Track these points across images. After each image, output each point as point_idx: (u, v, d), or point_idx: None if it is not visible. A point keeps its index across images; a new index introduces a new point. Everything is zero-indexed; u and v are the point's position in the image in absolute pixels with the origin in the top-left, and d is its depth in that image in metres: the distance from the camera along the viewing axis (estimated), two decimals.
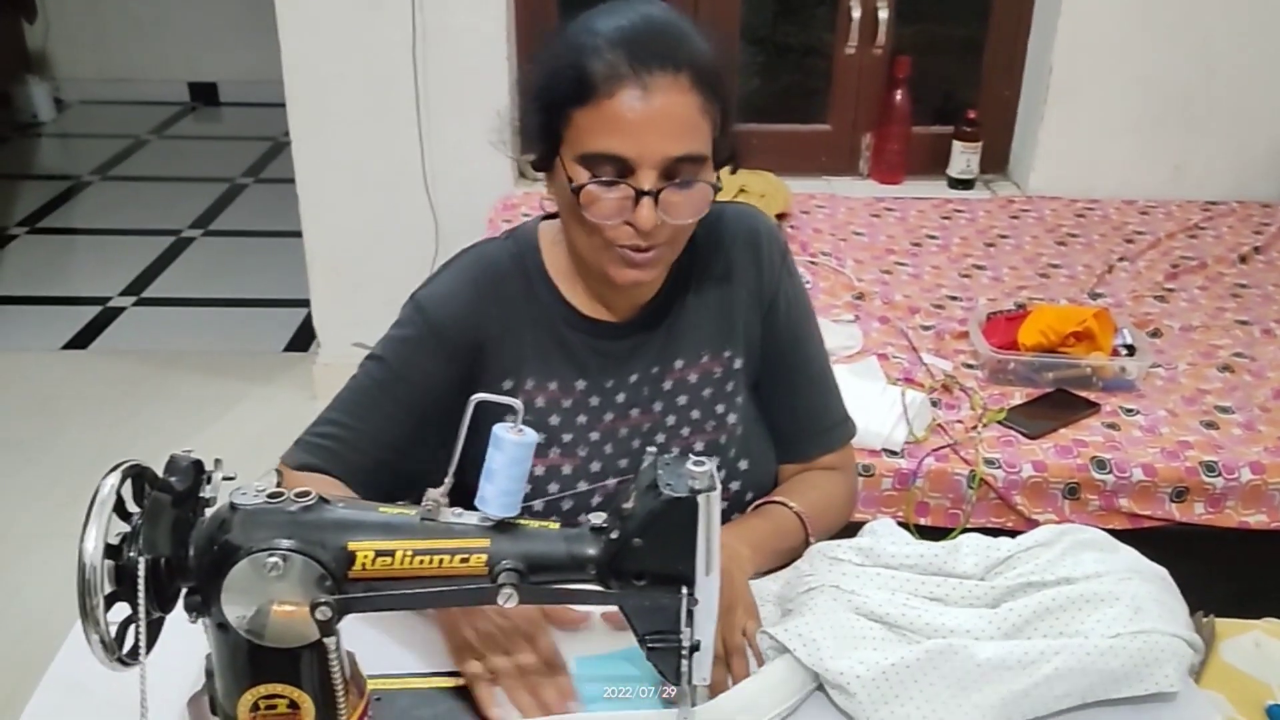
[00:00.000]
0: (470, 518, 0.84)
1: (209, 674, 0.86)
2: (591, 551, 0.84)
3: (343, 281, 3.00)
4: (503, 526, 0.84)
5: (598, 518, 0.86)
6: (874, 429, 1.76)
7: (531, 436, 0.83)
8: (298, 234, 2.97)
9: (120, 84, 5.62)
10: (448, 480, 0.84)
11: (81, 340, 3.39)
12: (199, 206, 4.43)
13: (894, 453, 1.77)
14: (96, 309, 3.58)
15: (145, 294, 3.71)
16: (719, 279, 1.23)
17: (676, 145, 1.04)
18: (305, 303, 3.15)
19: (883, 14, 2.88)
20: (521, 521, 0.85)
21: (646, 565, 0.84)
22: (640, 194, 1.04)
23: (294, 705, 0.84)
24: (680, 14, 1.10)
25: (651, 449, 0.88)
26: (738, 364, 1.25)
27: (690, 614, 0.84)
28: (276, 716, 0.84)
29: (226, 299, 3.71)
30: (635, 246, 1.08)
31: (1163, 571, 1.09)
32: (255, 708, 0.84)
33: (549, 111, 1.07)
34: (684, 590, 0.84)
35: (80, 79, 5.59)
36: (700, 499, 0.82)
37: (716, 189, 1.09)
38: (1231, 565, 1.83)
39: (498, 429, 0.83)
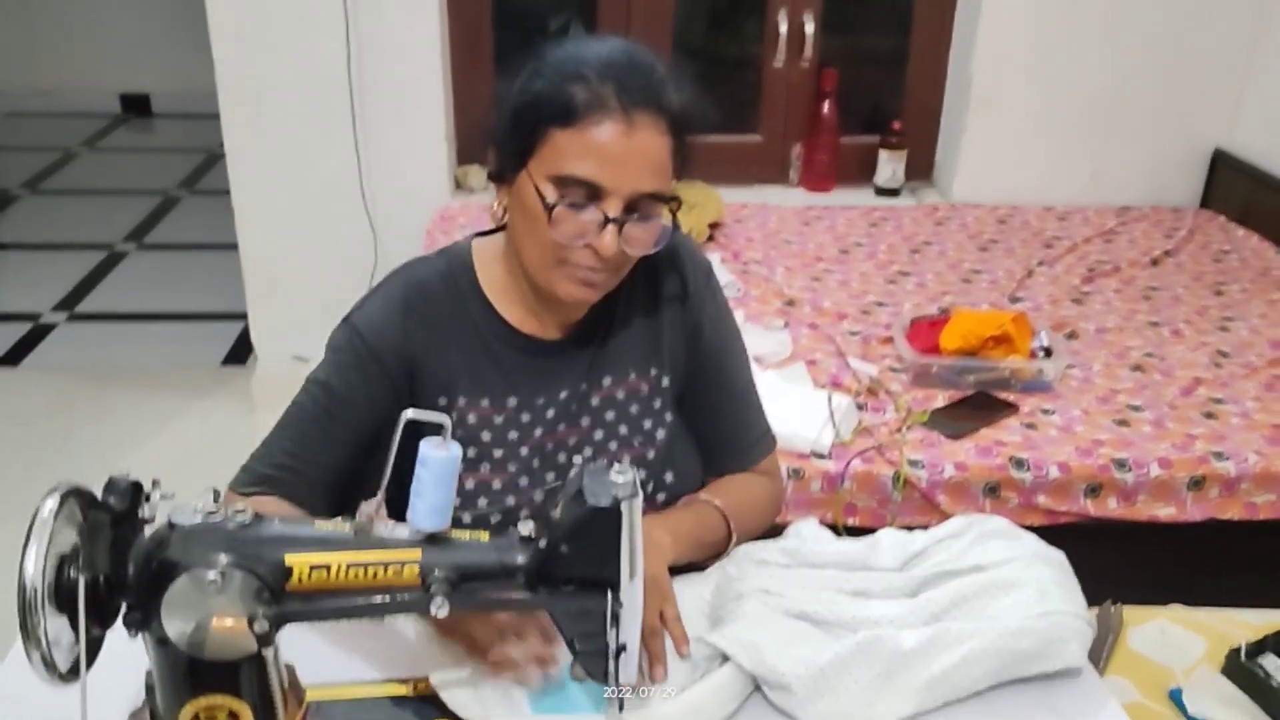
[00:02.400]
0: (402, 530, 0.88)
1: (149, 689, 0.89)
2: (520, 560, 0.88)
3: (280, 294, 3.00)
4: (434, 538, 0.88)
5: (526, 527, 0.90)
6: (802, 433, 1.82)
7: (456, 451, 0.87)
8: (234, 246, 2.97)
9: (50, 95, 5.53)
10: (380, 494, 0.87)
11: (12, 358, 3.35)
12: (133, 219, 4.39)
13: (822, 456, 1.83)
14: (27, 325, 3.53)
15: (78, 309, 3.67)
16: (646, 301, 1.28)
17: (648, 181, 1.10)
18: (242, 316, 3.14)
19: (809, 28, 2.97)
20: (453, 533, 0.89)
21: (573, 571, 0.88)
22: (608, 220, 1.09)
23: (233, 715, 0.87)
24: (660, 59, 1.15)
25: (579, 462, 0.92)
26: (664, 382, 1.29)
27: (616, 617, 0.89)
28: None
29: (162, 313, 3.68)
30: (590, 267, 1.12)
31: (1061, 556, 1.17)
32: (196, 719, 0.86)
33: (526, 127, 1.11)
34: (609, 594, 0.88)
35: (8, 90, 5.50)
36: (623, 506, 0.86)
37: (674, 227, 1.15)
38: (1144, 557, 1.92)
39: (424, 445, 0.87)
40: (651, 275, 1.27)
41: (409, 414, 0.86)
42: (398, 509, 0.89)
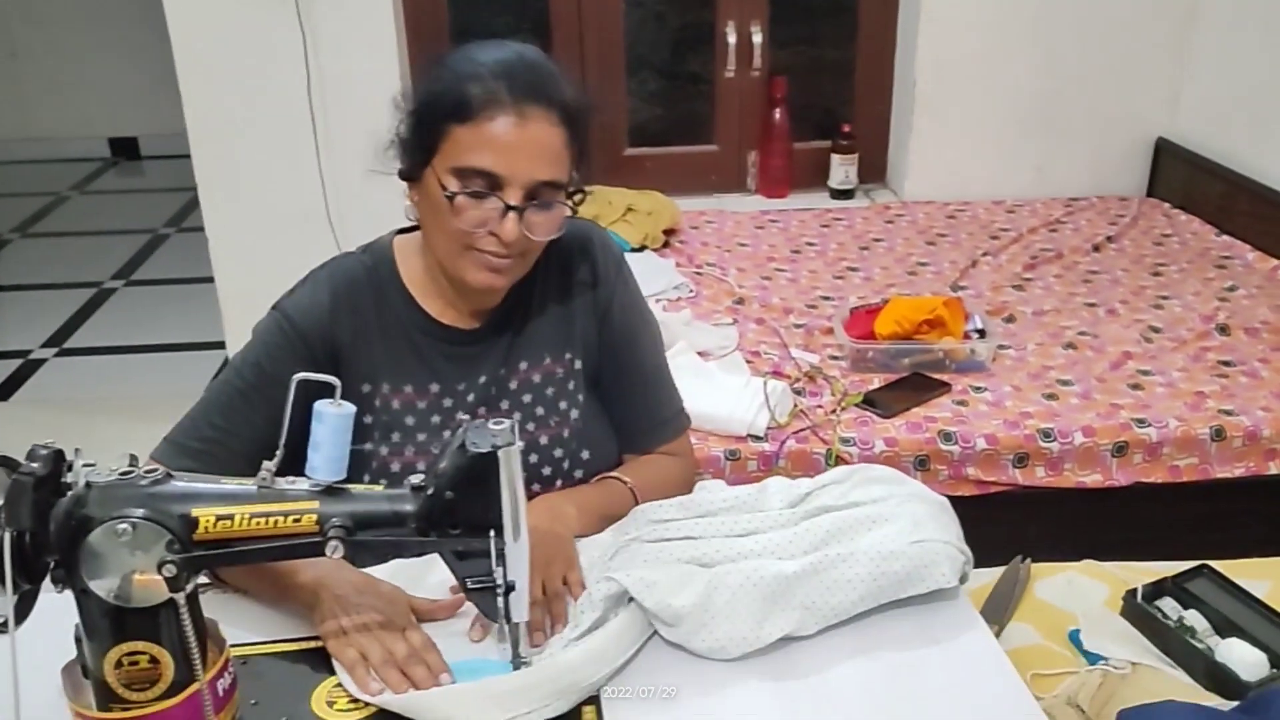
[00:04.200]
0: (301, 484, 0.96)
1: (78, 640, 0.97)
2: (410, 508, 0.97)
3: (255, 321, 3.08)
4: (331, 490, 0.96)
5: (416, 478, 0.98)
6: (738, 416, 1.90)
7: (349, 409, 0.96)
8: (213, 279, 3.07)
9: (40, 143, 5.68)
10: (279, 452, 0.96)
11: (2, 393, 3.45)
12: (120, 258, 4.50)
13: (758, 438, 1.91)
14: (18, 362, 3.64)
15: (66, 345, 3.78)
16: (559, 288, 1.37)
17: (543, 170, 1.19)
18: (223, 344, 3.24)
19: (757, 39, 3.07)
20: (348, 485, 0.97)
21: (459, 516, 0.96)
22: (508, 208, 1.18)
23: (154, 660, 0.95)
24: (550, 59, 1.26)
25: None
26: (578, 364, 1.38)
27: (502, 556, 0.97)
28: (139, 671, 0.95)
29: (147, 345, 3.78)
30: (495, 253, 1.21)
31: (943, 500, 1.24)
32: (119, 664, 0.95)
33: (429, 125, 1.21)
34: (493, 535, 0.96)
35: None
36: (500, 453, 0.95)
37: (572, 213, 1.25)
38: (1073, 523, 1.99)
39: (319, 404, 0.95)
40: (564, 264, 1.36)
41: (300, 376, 0.95)
42: (295, 469, 0.97)
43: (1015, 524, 1.90)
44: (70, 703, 0.99)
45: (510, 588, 0.98)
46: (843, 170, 3.16)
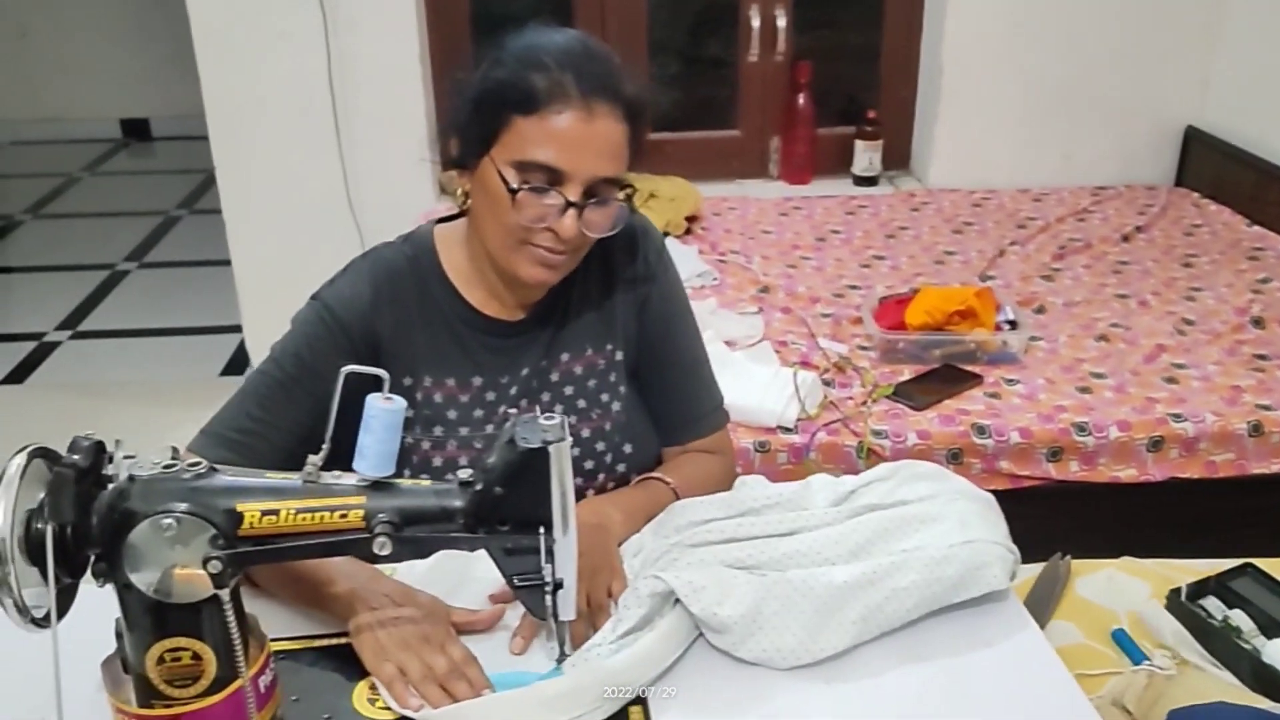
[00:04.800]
0: (348, 478, 0.94)
1: (119, 635, 0.95)
2: (458, 503, 0.95)
3: (273, 306, 3.04)
4: (378, 485, 0.94)
5: (464, 473, 0.96)
6: (768, 407, 1.88)
7: (400, 404, 0.93)
8: (229, 262, 3.05)
9: (51, 123, 5.66)
10: (325, 446, 0.93)
11: (17, 375, 3.44)
12: (133, 240, 4.48)
13: (788, 429, 1.89)
14: (32, 344, 3.62)
15: (81, 327, 3.76)
16: (601, 278, 1.34)
17: (605, 167, 1.16)
18: (239, 328, 3.22)
19: (781, 23, 3.03)
20: (395, 480, 0.95)
21: (508, 512, 0.94)
22: (568, 204, 1.15)
23: (197, 656, 0.93)
24: (611, 51, 1.22)
25: None
26: (619, 356, 1.35)
27: (551, 553, 0.95)
28: (182, 668, 0.93)
29: (162, 328, 3.77)
30: (551, 249, 1.19)
31: (989, 497, 1.22)
32: (161, 660, 0.93)
33: (490, 114, 1.17)
34: (542, 532, 0.94)
35: (10, 120, 5.62)
36: (552, 449, 0.92)
37: (630, 210, 1.21)
38: (1107, 518, 1.97)
39: (370, 398, 0.93)
40: (607, 254, 1.32)
41: (347, 369, 0.92)
42: (342, 464, 0.95)
43: (1046, 518, 1.86)
44: (110, 697, 0.97)
45: (559, 585, 0.96)
46: (867, 157, 3.12)
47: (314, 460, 0.93)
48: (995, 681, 1.08)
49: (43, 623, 0.90)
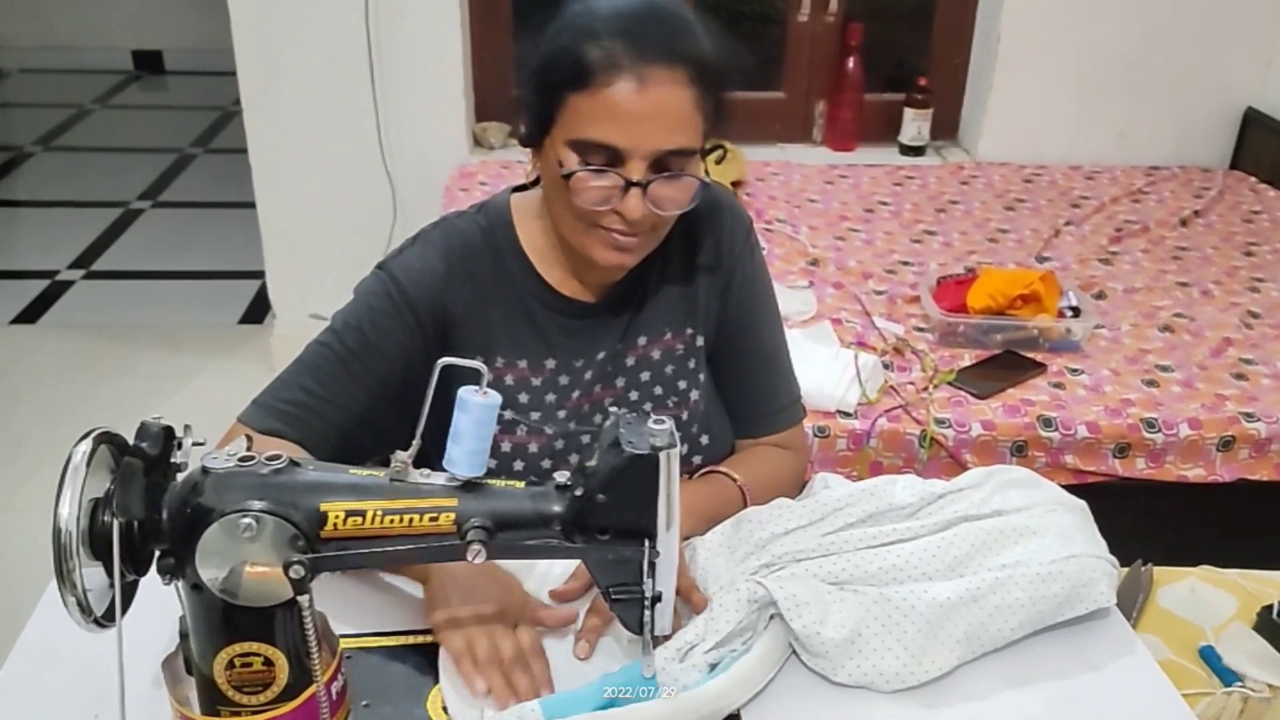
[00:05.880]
0: (438, 478, 0.87)
1: (183, 635, 0.88)
2: (556, 508, 0.87)
3: (298, 252, 2.99)
4: (470, 486, 0.86)
5: (562, 476, 0.88)
6: (828, 391, 1.80)
7: (495, 399, 0.85)
8: (250, 205, 2.95)
9: (61, 52, 5.50)
10: (415, 443, 0.86)
11: (30, 315, 3.35)
12: (147, 178, 4.37)
13: (848, 414, 1.81)
14: (44, 283, 3.53)
15: (94, 267, 3.66)
16: (684, 257, 1.25)
17: (668, 139, 1.05)
18: (259, 274, 3.13)
19: None
20: (488, 481, 0.88)
21: (609, 520, 0.86)
22: (629, 184, 1.05)
23: (269, 663, 0.86)
24: (682, 6, 1.09)
25: None
26: (699, 341, 1.27)
27: (652, 566, 0.87)
28: (252, 674, 0.86)
29: (179, 271, 3.67)
30: (622, 231, 1.09)
31: (1082, 504, 1.16)
32: (231, 665, 0.86)
33: (545, 92, 1.07)
34: (646, 544, 0.87)
35: (19, 47, 5.47)
36: (661, 456, 0.85)
37: (705, 183, 1.11)
38: (1171, 517, 1.90)
39: (463, 392, 0.85)
40: (690, 232, 1.24)
41: (445, 361, 0.84)
42: (427, 461, 0.87)
43: (1109, 516, 1.79)
44: (171, 697, 0.90)
45: (657, 598, 0.89)
46: (915, 125, 3.01)
47: (402, 457, 0.86)
48: (1104, 707, 1.02)
49: (104, 622, 0.83)
